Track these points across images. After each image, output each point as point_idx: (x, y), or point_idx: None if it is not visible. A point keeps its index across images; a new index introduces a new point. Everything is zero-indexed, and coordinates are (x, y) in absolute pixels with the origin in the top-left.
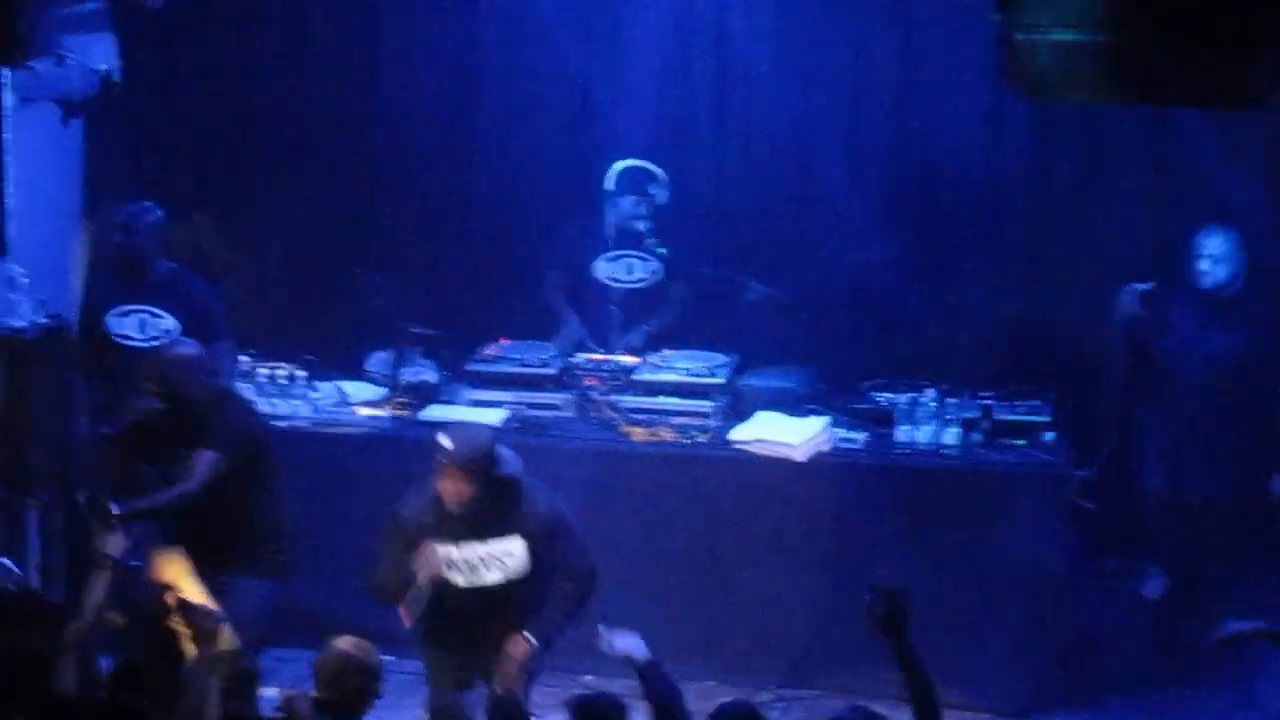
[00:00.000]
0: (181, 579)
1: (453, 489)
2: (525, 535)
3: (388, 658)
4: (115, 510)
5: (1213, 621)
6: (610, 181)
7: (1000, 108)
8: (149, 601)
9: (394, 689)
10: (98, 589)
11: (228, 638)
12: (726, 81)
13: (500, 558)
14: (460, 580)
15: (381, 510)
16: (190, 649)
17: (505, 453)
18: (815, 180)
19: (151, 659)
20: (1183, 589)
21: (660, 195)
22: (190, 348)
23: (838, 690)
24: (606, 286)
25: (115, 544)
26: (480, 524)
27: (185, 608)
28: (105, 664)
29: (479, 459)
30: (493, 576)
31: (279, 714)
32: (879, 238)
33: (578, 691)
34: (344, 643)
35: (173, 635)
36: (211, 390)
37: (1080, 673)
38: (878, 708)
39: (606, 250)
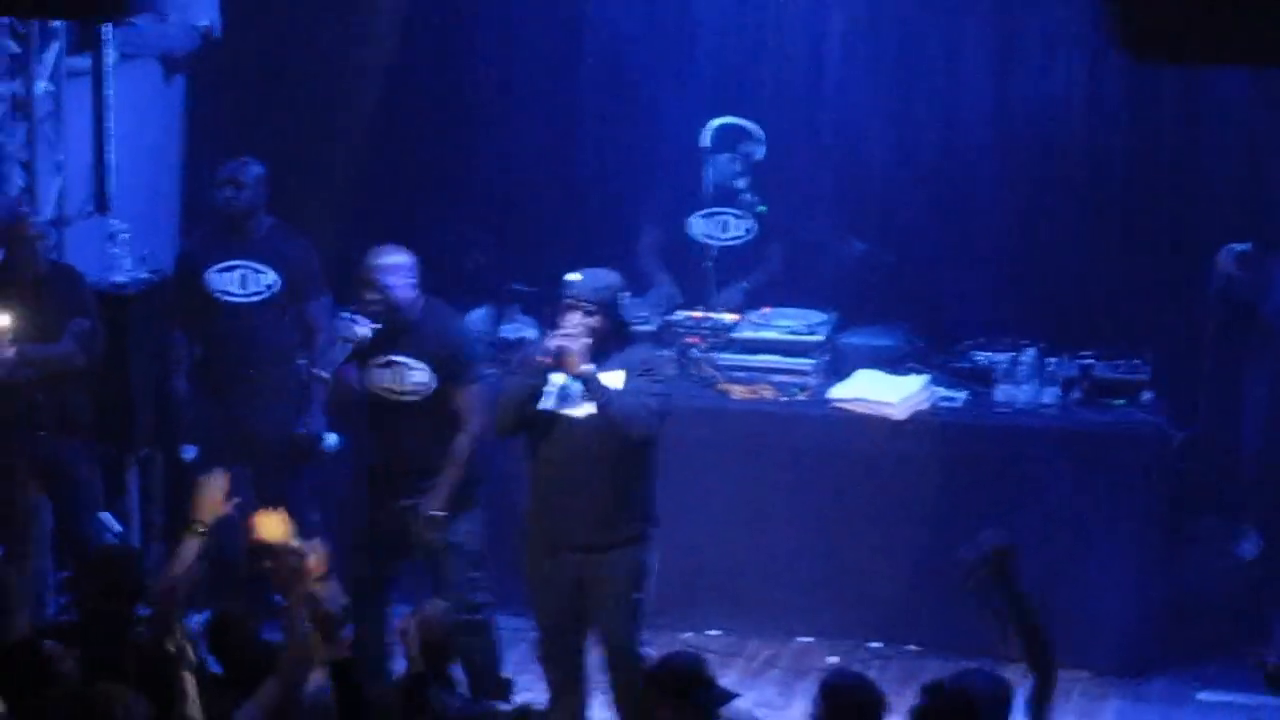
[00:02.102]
0: (276, 532)
1: (579, 323)
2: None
3: None
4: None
5: None
6: (707, 138)
7: (1101, 66)
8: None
9: None
10: (190, 551)
11: (319, 574)
12: (824, 40)
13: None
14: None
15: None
16: (289, 590)
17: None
18: (913, 139)
19: (245, 609)
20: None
21: (757, 152)
22: (400, 254)
23: (935, 648)
24: (701, 244)
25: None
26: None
27: (275, 551)
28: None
29: (603, 294)
30: (585, 410)
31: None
32: (978, 197)
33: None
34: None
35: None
36: (420, 298)
37: (1177, 633)
38: (972, 665)
39: (703, 208)
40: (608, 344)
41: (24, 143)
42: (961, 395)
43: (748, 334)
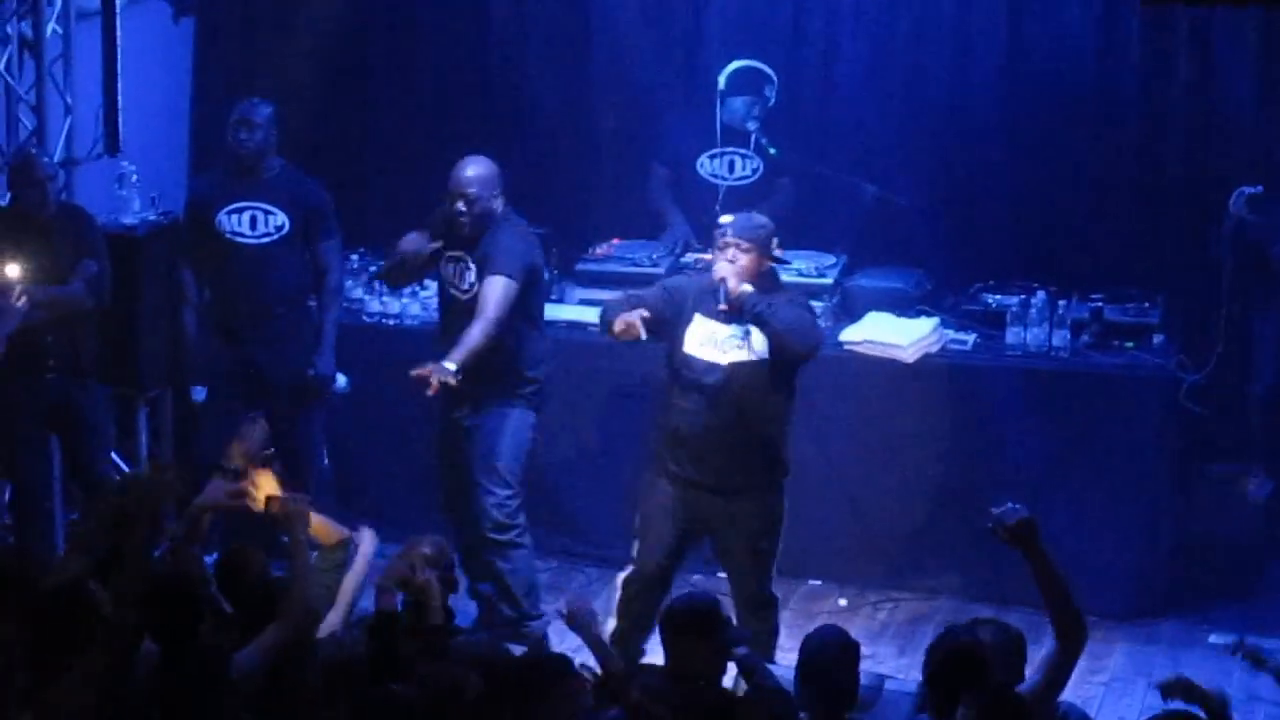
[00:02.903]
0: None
1: (733, 260)
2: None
3: None
4: (451, 368)
5: None
6: (723, 81)
7: (1113, 10)
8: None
9: None
10: (217, 491)
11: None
12: None
13: (739, 338)
14: (720, 357)
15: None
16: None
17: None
18: (926, 83)
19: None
20: None
21: (771, 96)
22: (485, 164)
23: (946, 591)
24: (711, 186)
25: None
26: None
27: (276, 501)
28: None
29: (758, 233)
30: (731, 357)
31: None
32: (990, 140)
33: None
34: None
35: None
36: (499, 211)
37: (1188, 577)
38: (982, 609)
39: (713, 148)
40: (759, 283)
41: (33, 84)
42: (971, 338)
43: None
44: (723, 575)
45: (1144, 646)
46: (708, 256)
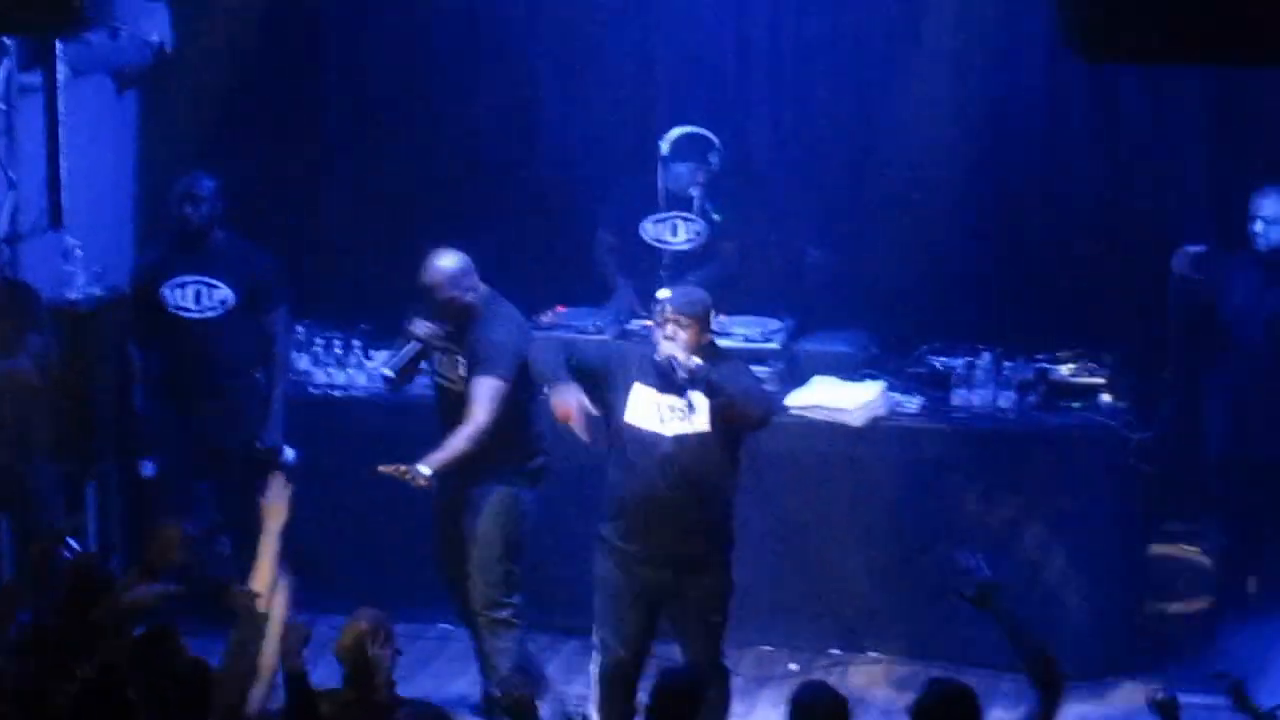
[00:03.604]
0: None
1: (672, 336)
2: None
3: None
4: (426, 471)
5: (1276, 581)
6: (666, 147)
7: (1060, 69)
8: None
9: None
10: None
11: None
12: (782, 44)
13: (683, 410)
14: (663, 428)
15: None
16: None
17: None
18: (872, 144)
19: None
20: (1245, 549)
21: (715, 161)
22: (454, 258)
23: (897, 654)
24: (656, 250)
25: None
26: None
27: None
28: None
29: (696, 308)
30: (675, 429)
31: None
32: (936, 201)
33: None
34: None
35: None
36: (478, 300)
37: (1144, 636)
38: (934, 670)
39: (656, 214)
40: (702, 354)
41: None
42: (918, 400)
43: None
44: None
45: (1099, 707)
46: (652, 322)
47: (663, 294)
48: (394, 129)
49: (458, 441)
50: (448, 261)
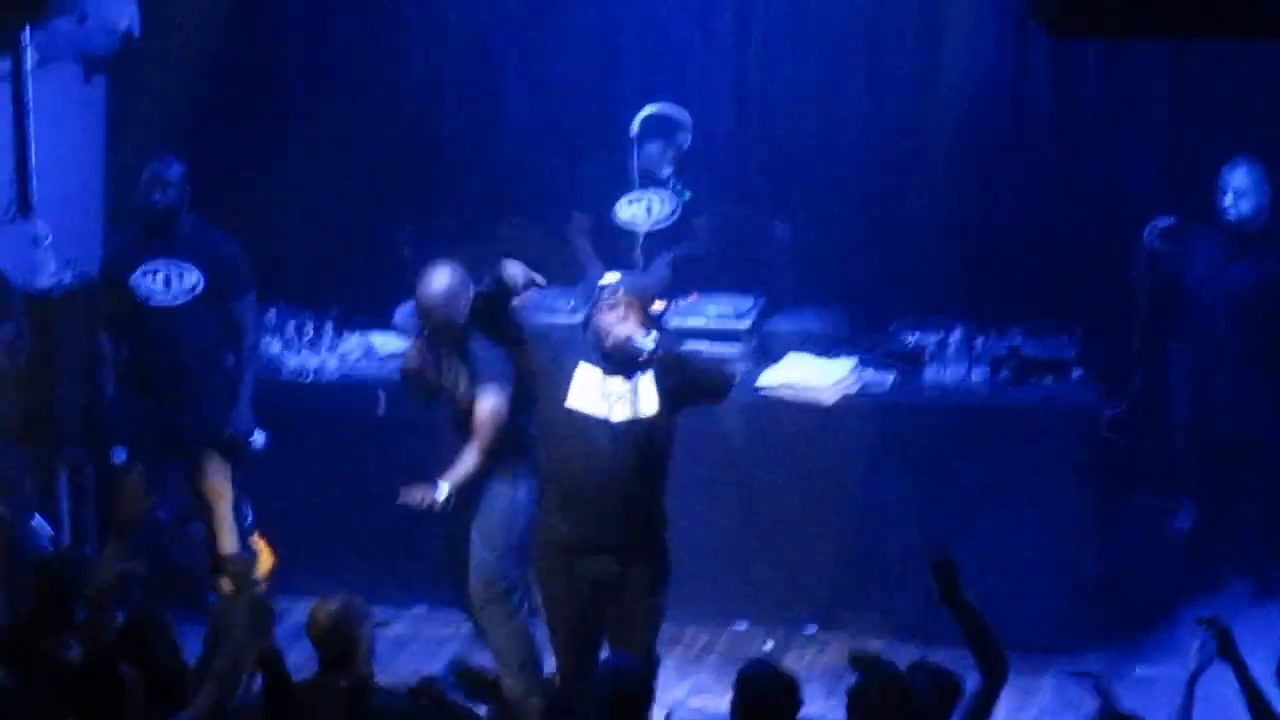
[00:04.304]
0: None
1: (626, 318)
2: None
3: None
4: (443, 491)
5: (1244, 556)
6: (636, 127)
7: (1025, 40)
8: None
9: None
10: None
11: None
12: (748, 21)
13: (629, 394)
14: (610, 413)
15: (412, 460)
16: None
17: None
18: (840, 120)
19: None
20: (1213, 523)
21: (685, 140)
22: (448, 276)
23: (872, 631)
24: (629, 231)
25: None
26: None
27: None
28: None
29: (648, 292)
30: (621, 413)
31: None
32: (904, 175)
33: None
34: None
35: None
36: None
37: (1111, 608)
38: (909, 648)
39: (629, 193)
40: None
41: None
42: (890, 377)
43: (675, 322)
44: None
45: (1073, 679)
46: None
47: (610, 277)
48: (361, 113)
49: (468, 461)
50: (442, 281)
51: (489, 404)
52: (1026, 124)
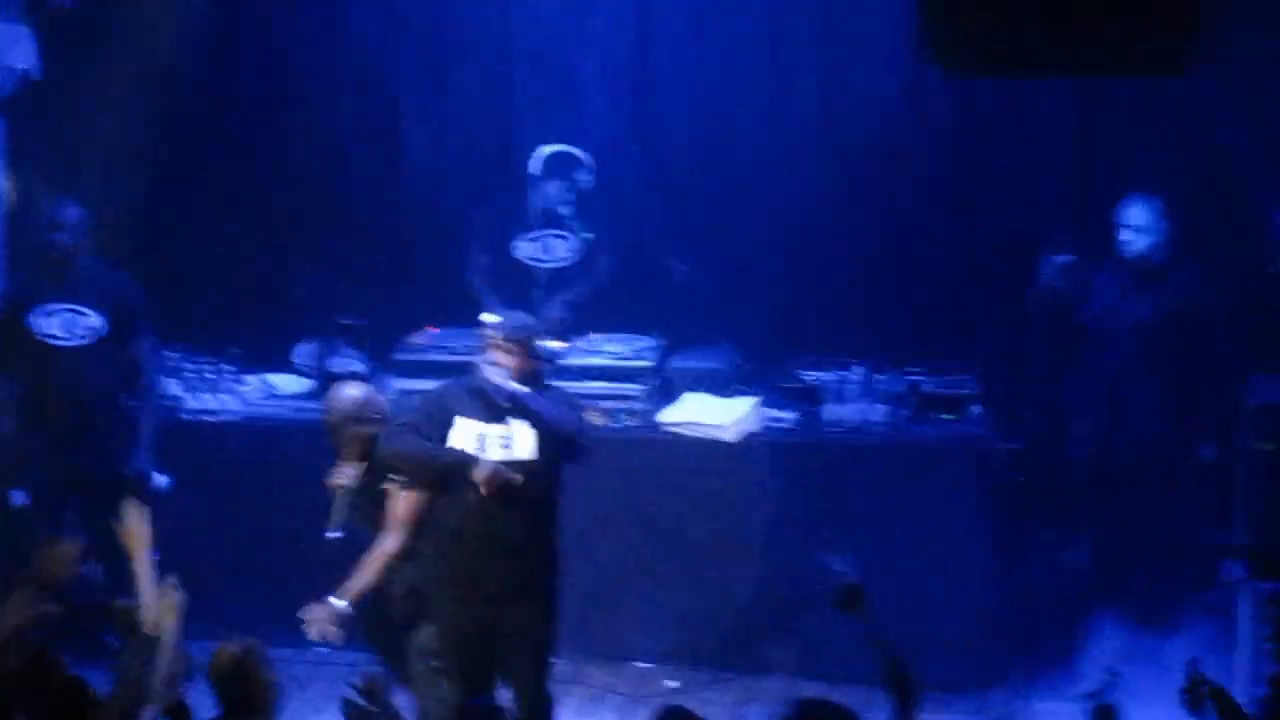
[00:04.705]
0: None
1: (503, 362)
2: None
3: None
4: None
5: (1145, 589)
6: (536, 166)
7: (922, 80)
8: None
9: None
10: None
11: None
12: (647, 60)
13: (505, 438)
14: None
15: (315, 501)
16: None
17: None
18: (738, 155)
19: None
20: (1107, 557)
21: (586, 180)
22: (355, 389)
23: (773, 670)
24: (529, 269)
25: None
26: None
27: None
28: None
29: (523, 334)
30: (498, 457)
31: None
32: (803, 215)
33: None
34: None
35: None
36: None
37: (1014, 644)
38: (812, 686)
39: (529, 232)
40: (530, 383)
41: None
42: (791, 415)
43: (575, 361)
44: (551, 660)
45: (975, 717)
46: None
47: (490, 318)
48: (261, 153)
49: (376, 560)
50: (349, 394)
51: (401, 497)
52: (924, 162)
